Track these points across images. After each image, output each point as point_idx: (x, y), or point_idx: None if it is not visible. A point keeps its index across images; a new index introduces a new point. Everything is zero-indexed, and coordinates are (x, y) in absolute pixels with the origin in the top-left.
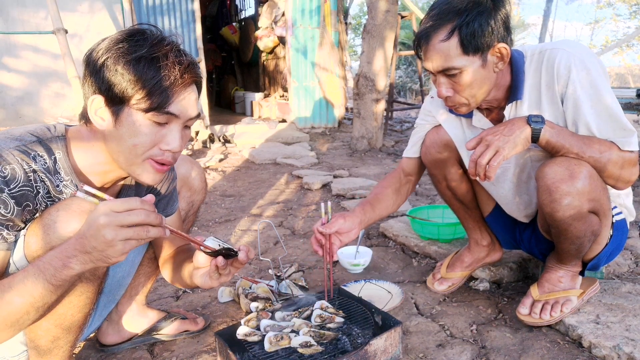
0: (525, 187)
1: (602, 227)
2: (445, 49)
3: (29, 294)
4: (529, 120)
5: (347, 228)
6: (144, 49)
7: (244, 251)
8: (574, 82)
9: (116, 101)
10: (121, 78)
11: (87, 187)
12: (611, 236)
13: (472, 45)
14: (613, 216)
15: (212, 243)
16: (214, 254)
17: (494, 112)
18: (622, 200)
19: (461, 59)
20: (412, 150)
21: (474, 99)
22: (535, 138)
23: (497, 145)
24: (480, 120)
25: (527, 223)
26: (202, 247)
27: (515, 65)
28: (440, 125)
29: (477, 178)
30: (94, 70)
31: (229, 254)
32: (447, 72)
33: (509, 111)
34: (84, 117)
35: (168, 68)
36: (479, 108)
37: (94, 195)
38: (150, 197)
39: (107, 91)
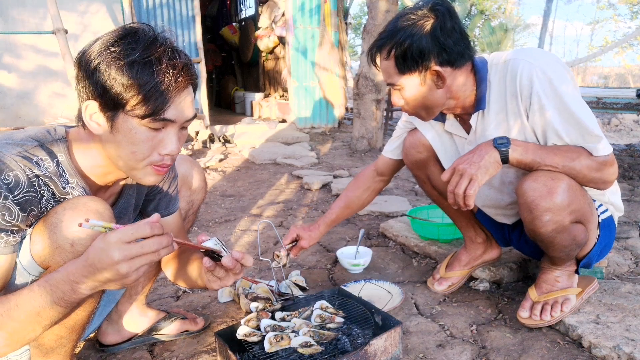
0: (503, 190)
1: (589, 231)
2: (386, 67)
3: (36, 314)
4: (495, 143)
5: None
6: (136, 53)
7: (228, 257)
8: (538, 93)
9: (111, 106)
10: (115, 83)
11: (92, 220)
12: (599, 236)
13: (405, 66)
14: (599, 215)
15: (211, 244)
16: (205, 253)
17: (466, 118)
18: (607, 198)
19: (398, 77)
20: (393, 152)
21: (422, 110)
22: (504, 159)
23: (470, 173)
24: (452, 125)
25: (515, 224)
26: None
27: (478, 75)
28: (414, 130)
29: (457, 207)
30: (87, 74)
31: (212, 256)
32: (393, 87)
33: (475, 120)
34: (80, 120)
35: (162, 73)
36: (452, 114)
37: (100, 226)
38: (157, 217)
39: (101, 96)
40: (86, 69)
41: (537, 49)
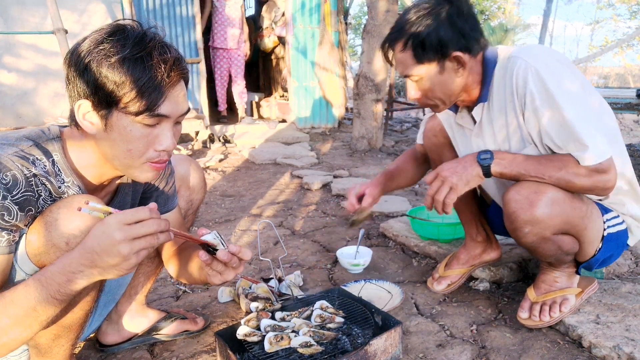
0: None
1: (582, 243)
2: (403, 60)
3: (32, 309)
4: (478, 158)
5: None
6: (126, 50)
7: (224, 250)
8: (532, 93)
9: (104, 105)
10: (106, 80)
11: (92, 203)
12: (599, 249)
13: (424, 55)
14: (605, 229)
15: (210, 237)
16: (202, 247)
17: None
18: (627, 210)
19: (417, 68)
20: (420, 137)
21: (440, 100)
22: (487, 174)
23: (451, 182)
24: (463, 118)
25: None
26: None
27: (485, 67)
28: (433, 117)
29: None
30: (77, 73)
31: (208, 249)
32: (410, 78)
33: (479, 112)
34: (73, 120)
35: (153, 68)
36: (463, 105)
37: (99, 210)
38: (154, 205)
39: (94, 95)
40: (76, 68)
41: (540, 47)
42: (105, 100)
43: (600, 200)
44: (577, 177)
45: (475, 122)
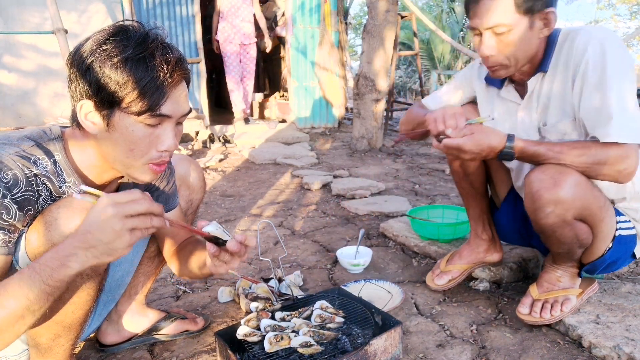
0: None
1: (595, 237)
2: (498, 5)
3: (25, 297)
4: (499, 157)
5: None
6: (129, 50)
7: (233, 240)
8: (587, 61)
9: (106, 105)
10: (109, 81)
11: (84, 187)
12: (609, 249)
13: (526, 4)
14: (617, 230)
15: (211, 228)
16: (207, 239)
17: (523, 85)
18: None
19: (512, 16)
20: (434, 101)
21: (515, 61)
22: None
23: (466, 159)
24: (509, 92)
25: None
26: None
27: (550, 37)
28: (465, 105)
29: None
30: (80, 73)
31: (217, 242)
32: (495, 30)
33: (534, 82)
34: (75, 121)
35: (156, 68)
36: (511, 79)
37: (92, 194)
38: (148, 194)
39: (96, 95)
40: (79, 69)
41: (603, 27)
42: (107, 101)
43: (613, 202)
44: (597, 162)
45: (522, 97)
